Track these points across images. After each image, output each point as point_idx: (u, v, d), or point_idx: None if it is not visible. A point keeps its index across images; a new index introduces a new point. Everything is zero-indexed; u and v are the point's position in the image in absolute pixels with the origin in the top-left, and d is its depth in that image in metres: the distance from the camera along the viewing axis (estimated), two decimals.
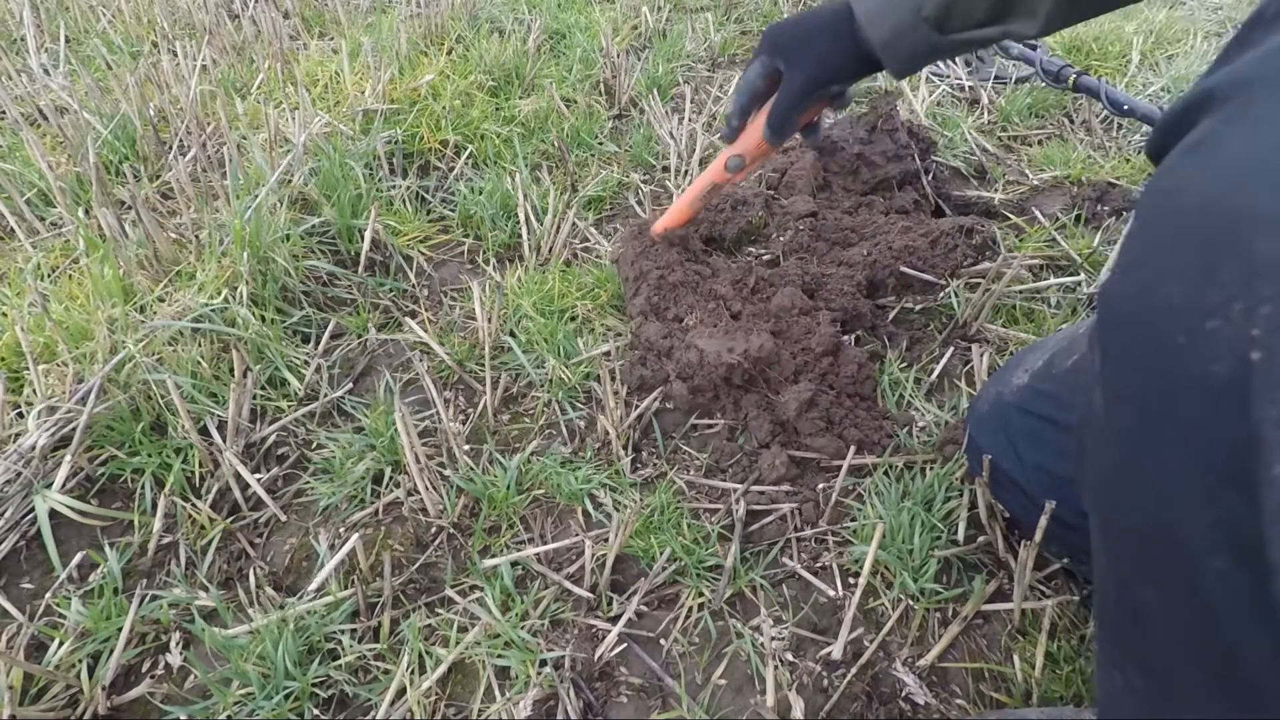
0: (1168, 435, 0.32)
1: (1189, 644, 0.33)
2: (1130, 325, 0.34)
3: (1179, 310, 0.31)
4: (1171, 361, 0.31)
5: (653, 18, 1.75)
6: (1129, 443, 0.35)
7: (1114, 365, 0.36)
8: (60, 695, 0.63)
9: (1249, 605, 0.29)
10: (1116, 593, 0.38)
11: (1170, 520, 0.32)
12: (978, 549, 0.72)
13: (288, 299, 0.98)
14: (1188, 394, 0.31)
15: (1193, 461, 0.31)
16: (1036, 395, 0.65)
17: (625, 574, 0.73)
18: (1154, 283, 0.32)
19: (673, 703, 0.64)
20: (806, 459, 0.81)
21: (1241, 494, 0.29)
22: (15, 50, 1.51)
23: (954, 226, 1.05)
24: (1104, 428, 0.37)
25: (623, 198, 1.23)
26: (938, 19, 0.63)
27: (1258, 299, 0.28)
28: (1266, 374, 0.28)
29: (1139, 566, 0.36)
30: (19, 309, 0.87)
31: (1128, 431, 0.35)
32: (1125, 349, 0.35)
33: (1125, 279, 0.35)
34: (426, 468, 0.77)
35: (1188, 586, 0.32)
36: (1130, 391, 0.35)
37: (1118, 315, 0.35)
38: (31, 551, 0.74)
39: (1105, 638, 0.41)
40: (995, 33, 0.64)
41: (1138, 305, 0.34)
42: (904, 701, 0.64)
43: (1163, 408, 0.32)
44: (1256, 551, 0.28)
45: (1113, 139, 1.37)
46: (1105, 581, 0.40)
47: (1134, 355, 0.34)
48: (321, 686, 0.64)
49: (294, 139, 1.14)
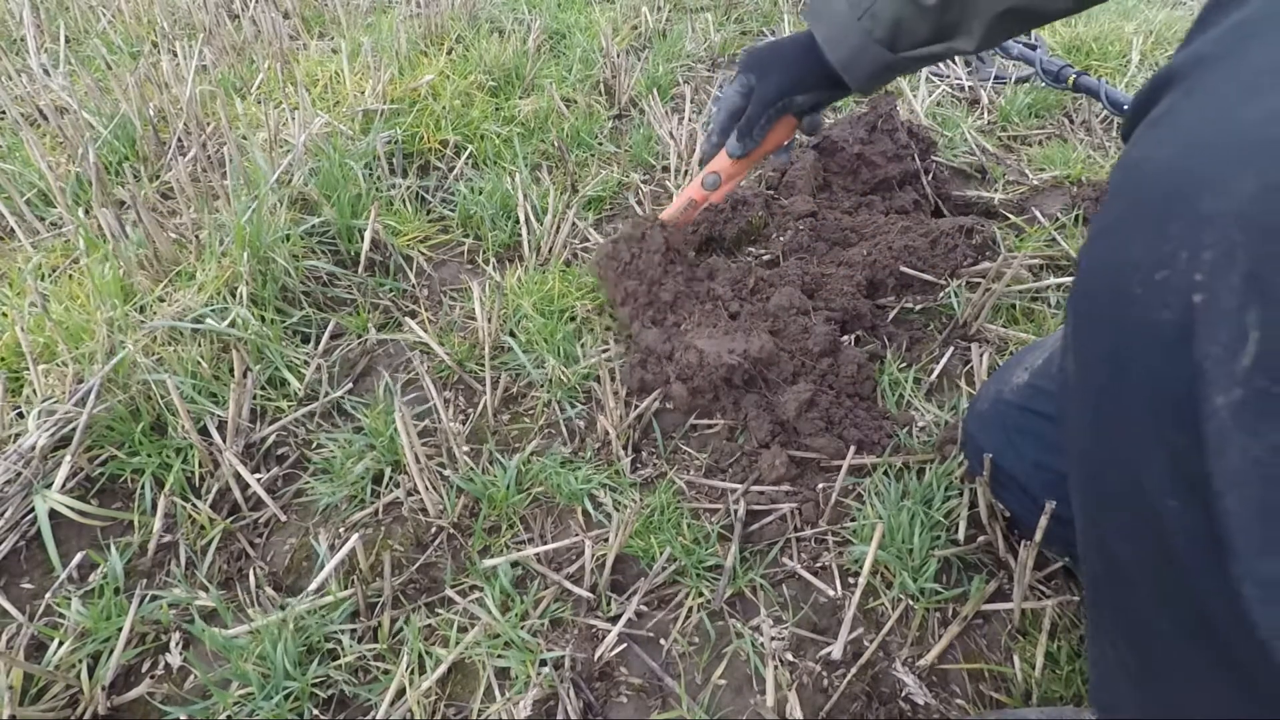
0: (1128, 387, 0.33)
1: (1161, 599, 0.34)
2: (1096, 289, 0.36)
3: (1139, 266, 0.32)
4: (1127, 313, 0.33)
5: (653, 18, 1.75)
6: (1096, 400, 0.36)
7: (1081, 327, 0.37)
8: (60, 695, 0.63)
9: (1202, 540, 0.30)
10: (1099, 560, 0.39)
11: (1134, 470, 0.33)
12: (978, 549, 0.72)
13: (288, 299, 0.98)
14: (1142, 343, 0.32)
15: (1148, 408, 0.32)
16: (1037, 393, 0.65)
17: (625, 574, 0.73)
18: (1118, 246, 0.34)
19: (673, 703, 0.64)
20: (806, 459, 0.81)
21: (1188, 431, 0.30)
22: (15, 50, 1.51)
23: (954, 226, 1.05)
24: (1075, 390, 0.38)
25: (623, 198, 1.23)
26: (889, 39, 0.71)
27: (1200, 246, 0.29)
28: (1207, 314, 0.29)
29: (1114, 525, 0.37)
30: (19, 309, 0.87)
31: (1094, 389, 0.36)
32: (1091, 310, 0.36)
33: (1093, 247, 0.37)
34: (426, 468, 0.77)
35: (1154, 533, 0.33)
36: (1094, 350, 0.36)
37: (1086, 282, 0.37)
38: (31, 551, 0.74)
39: (1092, 609, 0.42)
40: (941, 49, 0.71)
41: (1103, 269, 0.35)
42: (904, 701, 0.64)
43: (1122, 360, 0.33)
44: (1204, 483, 0.30)
45: (1112, 139, 1.37)
46: (1088, 550, 0.41)
47: (1098, 314, 0.36)
48: (321, 686, 0.64)
49: (294, 139, 1.14)
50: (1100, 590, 0.40)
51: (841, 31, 0.72)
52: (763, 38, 1.76)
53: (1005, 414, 0.67)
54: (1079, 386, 0.38)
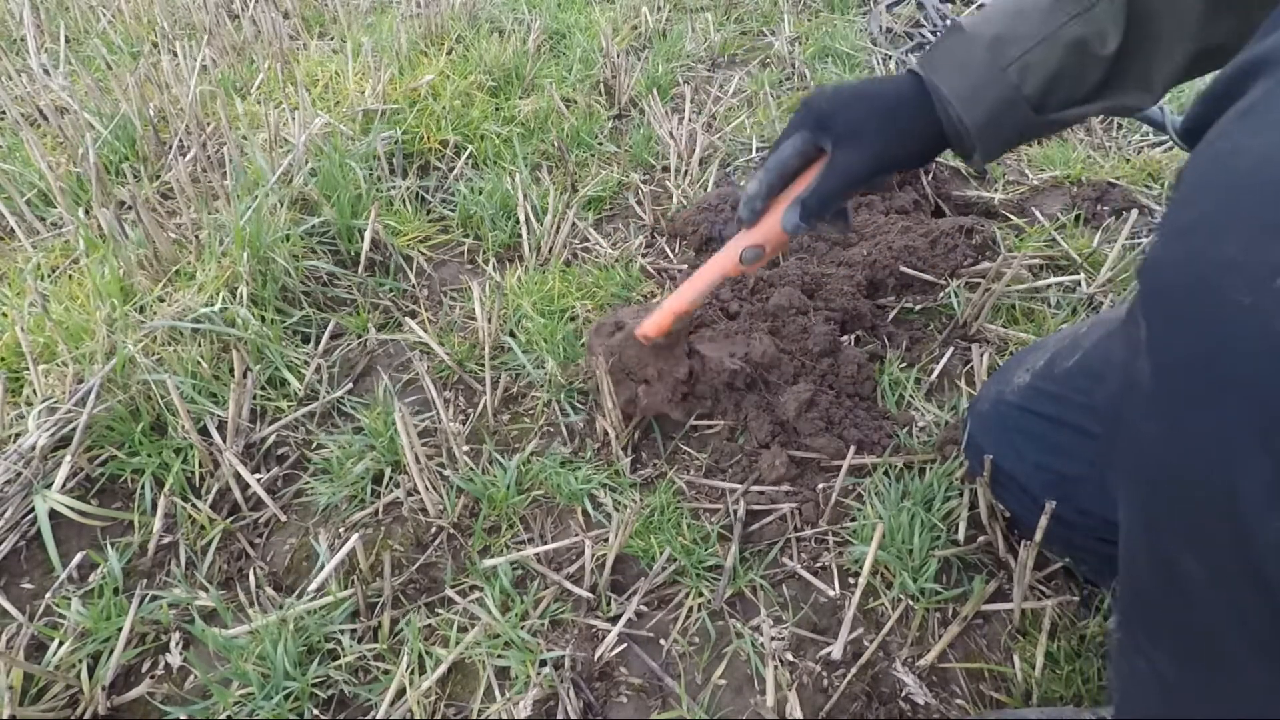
0: (1226, 396, 0.31)
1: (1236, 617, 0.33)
2: (1182, 290, 0.33)
3: (1241, 268, 0.30)
4: (1233, 320, 0.30)
5: (653, 18, 1.75)
6: (1181, 407, 0.34)
7: (1164, 330, 0.34)
8: (60, 695, 0.63)
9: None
10: (1152, 572, 0.37)
11: (1225, 482, 0.31)
12: (978, 549, 0.72)
13: (288, 299, 0.98)
14: (1252, 352, 0.30)
15: (1253, 420, 0.30)
16: (1038, 394, 0.65)
17: (625, 574, 0.73)
18: (1209, 245, 0.31)
19: (673, 703, 0.64)
20: (806, 459, 0.81)
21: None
22: (15, 50, 1.51)
23: (954, 226, 1.05)
24: (1151, 399, 0.35)
25: (623, 198, 1.23)
26: (1040, 96, 0.55)
27: None
28: None
29: (1187, 540, 0.35)
30: (19, 309, 0.87)
31: (1181, 395, 0.34)
32: (1177, 313, 0.33)
33: (1174, 245, 0.34)
34: (426, 468, 0.77)
35: (1239, 552, 0.31)
36: (1184, 354, 0.33)
37: (1167, 281, 0.34)
38: (31, 551, 0.74)
39: (1131, 623, 0.40)
40: (1098, 108, 0.56)
41: (1191, 269, 0.32)
42: (904, 701, 0.64)
43: (1223, 367, 0.31)
44: None
45: (1113, 139, 1.37)
46: (1137, 562, 0.39)
47: (1188, 318, 0.33)
48: (321, 686, 0.64)
49: (294, 139, 1.14)
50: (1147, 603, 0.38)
51: (982, 86, 0.55)
52: (763, 38, 1.76)
53: (1006, 415, 0.67)
54: (1158, 396, 0.35)
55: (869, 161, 0.60)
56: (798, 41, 1.71)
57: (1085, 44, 0.52)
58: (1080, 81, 0.54)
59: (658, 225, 1.15)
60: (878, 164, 0.60)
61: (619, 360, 0.79)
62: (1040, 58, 0.53)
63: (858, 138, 0.60)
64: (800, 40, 1.72)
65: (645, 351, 0.79)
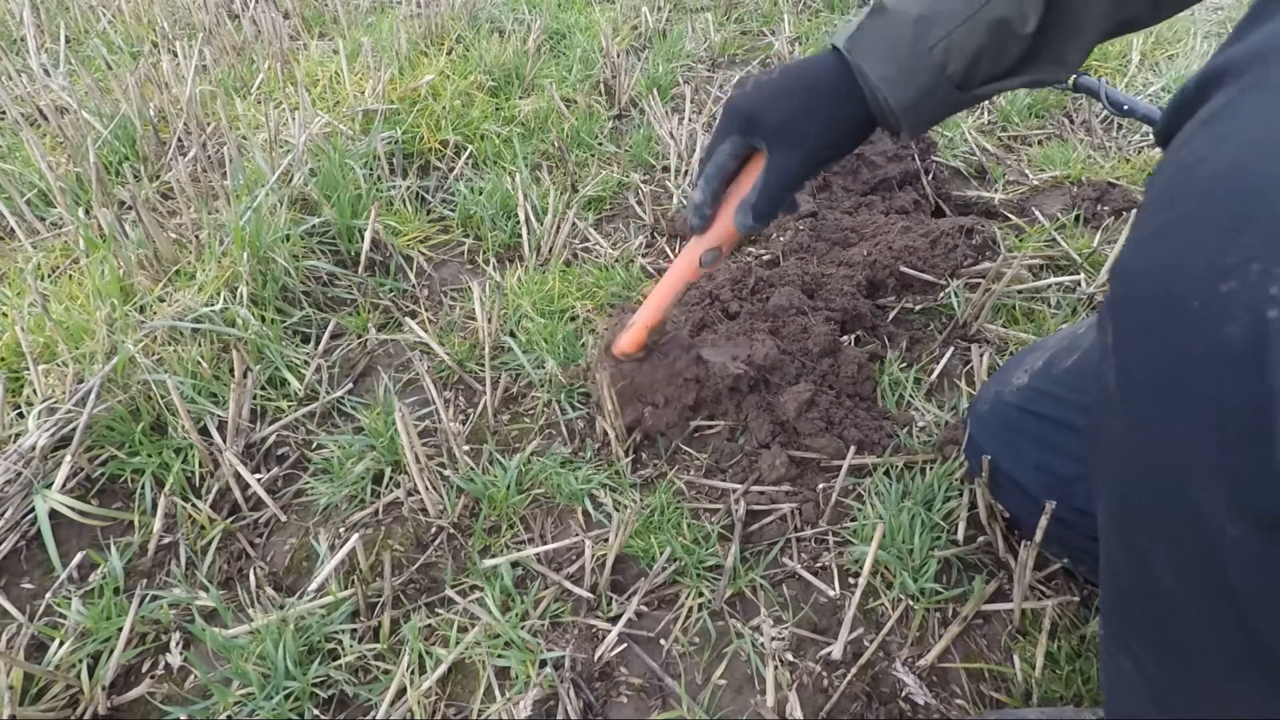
0: (1183, 404, 0.31)
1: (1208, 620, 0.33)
2: (1146, 298, 0.33)
3: (1194, 275, 0.30)
4: (1184, 327, 0.30)
5: (653, 18, 1.75)
6: (1143, 416, 0.34)
7: (1126, 339, 0.35)
8: (60, 695, 0.63)
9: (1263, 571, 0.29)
10: (1131, 574, 0.37)
11: (1187, 491, 0.31)
12: (978, 549, 0.73)
13: (288, 299, 0.98)
14: (1202, 359, 0.30)
15: (1208, 427, 0.30)
16: (1037, 395, 0.65)
17: (625, 574, 0.73)
18: (1173, 254, 0.32)
19: (673, 703, 0.64)
20: (806, 459, 0.81)
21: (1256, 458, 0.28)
22: (15, 50, 1.51)
23: (954, 226, 1.05)
24: (1117, 404, 0.36)
25: (623, 198, 1.23)
26: (963, 74, 0.56)
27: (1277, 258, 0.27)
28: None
29: (1156, 544, 0.35)
30: (19, 309, 0.87)
31: (1141, 404, 0.34)
32: (1139, 321, 0.34)
33: (1140, 253, 0.34)
34: (426, 468, 0.77)
35: (1206, 559, 0.31)
36: (1143, 363, 0.33)
37: (1133, 289, 0.34)
38: (31, 551, 0.74)
39: (1115, 623, 0.40)
40: (1020, 81, 0.58)
41: (1155, 278, 0.32)
42: (904, 701, 0.64)
43: (1177, 376, 0.31)
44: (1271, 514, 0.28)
45: (1113, 139, 1.37)
46: (1117, 564, 0.39)
47: (1147, 326, 0.33)
48: (321, 686, 0.64)
49: (294, 139, 1.14)
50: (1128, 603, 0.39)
51: (908, 68, 0.56)
52: (763, 38, 1.76)
53: (1005, 415, 0.67)
54: (1122, 402, 0.35)
55: (805, 158, 0.61)
56: (798, 41, 1.71)
57: (1007, 24, 0.53)
58: (1000, 59, 0.55)
59: (658, 225, 1.15)
60: (814, 159, 0.62)
61: (629, 385, 0.80)
62: (964, 37, 0.54)
63: (790, 137, 0.61)
64: (800, 40, 1.72)
65: (656, 375, 0.80)
